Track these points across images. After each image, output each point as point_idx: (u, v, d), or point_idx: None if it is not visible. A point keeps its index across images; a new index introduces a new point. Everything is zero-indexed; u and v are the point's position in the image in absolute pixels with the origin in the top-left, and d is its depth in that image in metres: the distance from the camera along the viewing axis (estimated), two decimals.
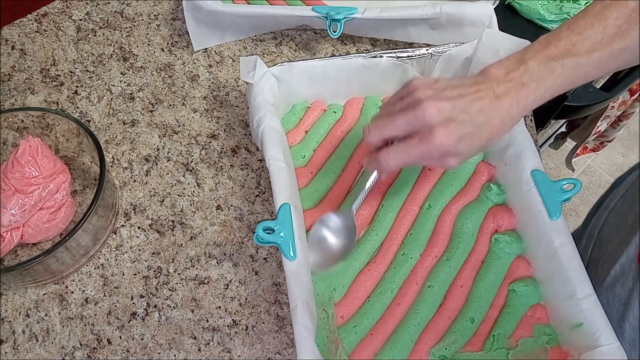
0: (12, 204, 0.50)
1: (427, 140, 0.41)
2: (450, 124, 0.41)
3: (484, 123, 0.42)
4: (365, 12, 0.63)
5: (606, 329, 0.43)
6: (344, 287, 0.50)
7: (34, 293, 0.51)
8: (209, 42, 0.68)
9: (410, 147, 0.43)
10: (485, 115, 0.42)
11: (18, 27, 0.69)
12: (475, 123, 0.42)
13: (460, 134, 0.41)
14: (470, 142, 0.42)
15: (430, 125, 0.41)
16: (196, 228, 0.56)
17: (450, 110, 0.41)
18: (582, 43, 0.42)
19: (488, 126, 0.42)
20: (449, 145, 0.41)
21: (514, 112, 0.42)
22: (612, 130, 1.08)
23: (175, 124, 0.62)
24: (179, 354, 0.49)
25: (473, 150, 0.43)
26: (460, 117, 0.41)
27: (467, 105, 0.42)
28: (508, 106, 0.42)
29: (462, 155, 0.43)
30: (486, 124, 0.42)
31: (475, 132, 0.42)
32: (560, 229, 0.48)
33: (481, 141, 0.43)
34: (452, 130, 0.41)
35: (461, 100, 0.42)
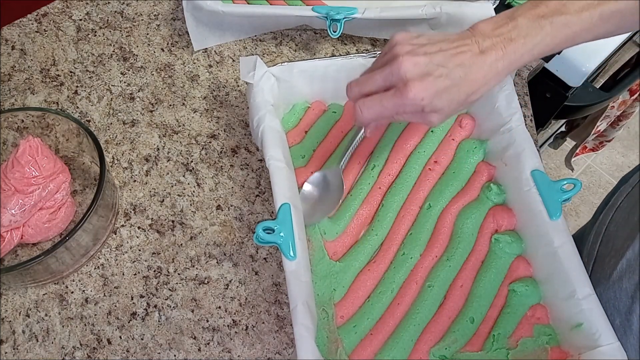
0: (12, 204, 0.50)
1: (400, 94, 0.42)
2: (426, 78, 0.41)
3: (464, 77, 0.42)
4: (365, 12, 0.63)
5: (606, 329, 0.43)
6: (344, 287, 0.50)
7: (34, 293, 0.51)
8: (209, 42, 0.68)
9: (385, 99, 0.43)
10: (465, 70, 0.42)
11: (18, 27, 0.69)
12: (454, 77, 0.42)
13: (436, 89, 0.42)
14: (448, 97, 0.42)
15: (405, 79, 0.42)
16: (196, 228, 0.56)
17: (427, 64, 0.42)
18: (572, 3, 0.43)
19: (468, 81, 0.42)
20: (422, 99, 0.42)
21: (499, 66, 0.43)
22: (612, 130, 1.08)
23: (175, 124, 0.62)
24: (179, 354, 0.49)
25: (452, 105, 0.43)
26: (437, 72, 0.42)
27: (445, 60, 0.42)
28: (492, 60, 0.42)
29: (442, 111, 0.44)
30: (466, 78, 0.42)
31: (453, 87, 0.42)
32: (560, 229, 0.48)
33: (460, 96, 0.43)
34: (427, 84, 0.41)
35: (440, 54, 0.42)
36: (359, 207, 0.54)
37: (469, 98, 0.44)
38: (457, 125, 0.59)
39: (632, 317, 0.46)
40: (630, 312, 0.47)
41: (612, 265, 0.50)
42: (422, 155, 0.57)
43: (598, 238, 0.55)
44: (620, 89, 0.83)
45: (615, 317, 0.47)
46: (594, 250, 0.55)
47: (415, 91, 0.41)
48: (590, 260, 0.54)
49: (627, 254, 0.49)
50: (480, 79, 0.43)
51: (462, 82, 0.42)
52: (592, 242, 0.56)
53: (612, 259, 0.51)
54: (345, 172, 0.56)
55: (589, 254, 0.55)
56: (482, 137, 0.58)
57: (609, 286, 0.49)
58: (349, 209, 0.54)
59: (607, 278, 0.50)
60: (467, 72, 0.42)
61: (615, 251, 0.51)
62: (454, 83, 0.42)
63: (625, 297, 0.47)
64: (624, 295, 0.48)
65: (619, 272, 0.49)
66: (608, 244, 0.53)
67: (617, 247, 0.51)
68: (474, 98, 0.44)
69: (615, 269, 0.49)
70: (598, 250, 0.54)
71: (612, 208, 0.56)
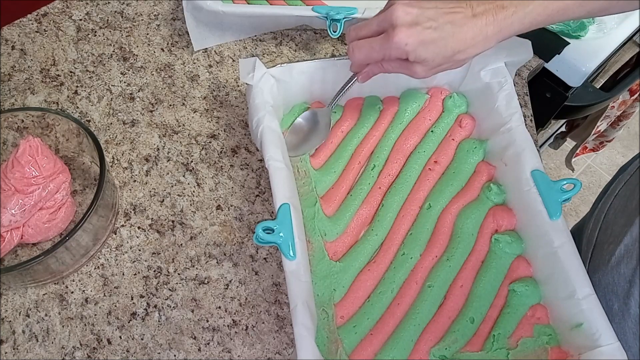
0: (12, 204, 0.50)
1: (388, 37, 0.45)
2: (414, 27, 0.44)
3: (452, 34, 0.45)
4: (365, 12, 0.63)
5: (606, 329, 0.43)
6: (344, 287, 0.50)
7: (34, 293, 0.51)
8: (209, 42, 0.68)
9: (374, 42, 0.47)
10: (455, 28, 0.44)
11: (18, 27, 0.69)
12: (442, 31, 0.44)
13: (422, 38, 0.44)
14: (434, 49, 0.45)
15: (395, 24, 0.45)
16: (196, 228, 0.56)
17: (418, 15, 0.44)
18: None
19: (456, 38, 0.45)
20: (406, 44, 0.44)
21: (489, 31, 0.45)
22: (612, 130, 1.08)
23: (175, 124, 0.62)
24: (179, 354, 0.49)
25: (437, 59, 0.46)
26: (426, 23, 0.44)
27: (436, 15, 0.45)
28: (483, 24, 0.44)
29: (426, 63, 0.46)
30: (454, 35, 0.45)
31: (440, 40, 0.45)
32: (560, 229, 0.48)
33: (446, 51, 0.45)
34: (413, 32, 0.44)
35: (432, 10, 0.45)
36: (359, 207, 0.54)
37: (455, 56, 0.46)
38: (457, 125, 0.59)
39: (629, 301, 0.47)
40: (628, 296, 0.47)
41: (610, 251, 0.50)
42: (422, 155, 0.57)
43: (597, 225, 0.56)
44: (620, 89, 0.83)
45: (613, 302, 0.48)
46: (593, 237, 0.55)
47: (400, 36, 0.44)
48: (590, 247, 0.55)
49: (625, 240, 0.49)
50: (468, 39, 0.45)
51: (450, 38, 0.45)
52: (592, 229, 0.56)
53: (610, 245, 0.51)
54: (345, 172, 0.56)
55: (588, 241, 0.56)
56: (482, 137, 0.58)
57: (607, 271, 0.50)
58: (349, 209, 0.54)
59: (605, 264, 0.50)
60: (456, 31, 0.45)
61: (613, 237, 0.51)
62: (441, 37, 0.44)
63: (624, 281, 0.48)
64: (622, 280, 0.48)
65: (617, 257, 0.49)
66: (607, 230, 0.54)
67: (616, 233, 0.51)
68: (461, 57, 0.46)
69: (614, 254, 0.50)
70: (597, 237, 0.55)
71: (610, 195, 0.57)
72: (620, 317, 0.47)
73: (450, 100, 0.60)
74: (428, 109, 0.60)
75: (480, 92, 0.58)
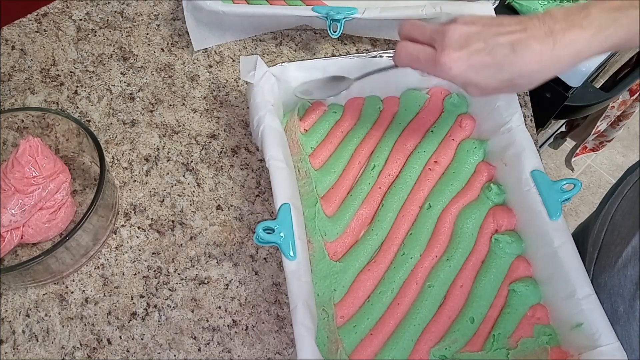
0: (12, 204, 0.50)
1: (434, 57, 0.42)
2: (461, 50, 0.41)
3: (510, 57, 0.41)
4: (365, 12, 0.63)
5: (606, 329, 0.43)
6: (344, 287, 0.50)
7: (34, 293, 0.51)
8: (209, 42, 0.68)
9: (422, 53, 0.44)
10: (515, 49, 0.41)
11: (18, 27, 0.69)
12: (496, 54, 0.41)
13: (470, 62, 0.41)
14: (487, 74, 0.42)
15: (444, 44, 0.42)
16: (196, 228, 0.56)
17: (470, 36, 0.41)
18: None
19: (516, 62, 0.41)
20: (450, 69, 0.42)
21: (562, 54, 0.41)
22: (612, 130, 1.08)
23: (175, 124, 0.62)
24: (179, 354, 0.49)
25: (493, 82, 0.42)
26: (475, 45, 0.41)
27: (492, 36, 0.41)
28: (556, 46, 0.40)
29: (481, 87, 0.43)
30: (513, 58, 0.41)
31: (495, 65, 0.41)
32: (560, 229, 0.48)
33: (503, 75, 0.42)
34: (461, 56, 0.41)
35: (492, 30, 0.41)
36: (359, 207, 0.54)
37: (516, 80, 0.42)
38: (457, 125, 0.59)
39: (635, 303, 0.47)
40: (634, 298, 0.47)
41: (617, 252, 0.50)
42: (422, 155, 0.57)
43: (604, 226, 0.55)
44: (620, 89, 0.83)
45: (619, 304, 0.48)
46: (600, 238, 0.55)
47: (445, 60, 0.41)
48: (596, 248, 0.54)
49: (632, 242, 0.49)
50: (533, 63, 0.41)
51: (508, 61, 0.41)
52: (598, 231, 0.56)
53: (617, 247, 0.51)
54: (345, 172, 0.56)
55: (594, 242, 0.55)
56: (482, 137, 0.58)
57: (613, 273, 0.49)
58: (349, 209, 0.54)
59: (612, 265, 0.50)
60: (516, 53, 0.41)
61: (620, 239, 0.51)
62: (495, 61, 0.41)
63: (630, 284, 0.48)
64: (629, 282, 0.48)
65: (624, 259, 0.49)
66: (614, 232, 0.53)
67: (623, 235, 0.51)
68: (525, 82, 0.43)
69: (621, 256, 0.49)
70: (604, 239, 0.54)
71: (618, 197, 0.56)
72: (626, 319, 0.47)
73: (450, 100, 0.60)
74: (428, 109, 0.60)
75: None
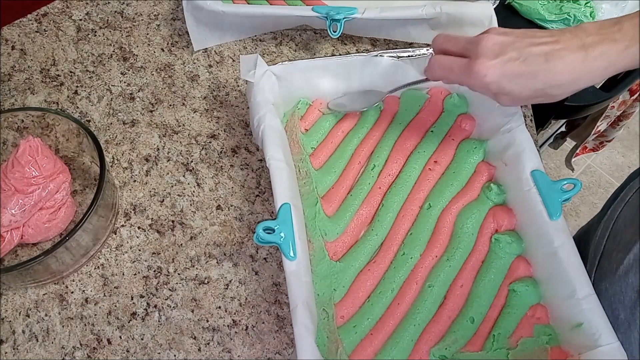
0: (12, 204, 0.50)
1: (468, 66, 0.43)
2: (498, 58, 0.42)
3: (545, 67, 0.41)
4: (365, 12, 0.63)
5: (606, 329, 0.43)
6: (344, 287, 0.50)
7: (34, 293, 0.51)
8: (209, 42, 0.68)
9: (456, 64, 0.44)
10: (549, 59, 0.41)
11: (18, 27, 0.69)
12: (530, 63, 0.41)
13: (504, 71, 0.42)
14: (519, 82, 0.42)
15: (478, 53, 0.42)
16: (196, 228, 0.56)
17: (505, 46, 0.42)
18: None
19: (550, 71, 0.41)
20: (485, 76, 0.42)
21: (594, 65, 0.41)
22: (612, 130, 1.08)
23: (175, 124, 0.62)
24: (179, 354, 0.49)
25: (525, 92, 0.43)
26: (511, 54, 0.41)
27: (526, 46, 0.42)
28: (589, 58, 0.41)
29: (513, 95, 0.43)
30: (546, 68, 0.41)
31: (528, 74, 0.42)
32: (560, 229, 0.48)
33: (536, 84, 0.42)
34: (495, 64, 0.42)
35: (525, 40, 0.42)
36: (359, 207, 0.54)
37: (548, 90, 0.42)
38: (457, 125, 0.59)
39: (636, 311, 0.47)
40: (635, 306, 0.47)
41: (619, 259, 0.50)
42: (422, 155, 0.57)
43: (606, 233, 0.55)
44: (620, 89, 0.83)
45: (620, 312, 0.48)
46: (601, 244, 0.55)
47: (480, 68, 0.42)
48: (597, 254, 0.54)
49: (634, 249, 0.49)
50: (566, 73, 0.41)
51: (541, 71, 0.41)
52: (600, 237, 0.56)
53: (619, 254, 0.51)
54: (345, 172, 0.56)
55: (596, 249, 0.55)
56: (482, 137, 0.58)
57: (615, 280, 0.49)
58: (349, 209, 0.54)
59: (613, 272, 0.50)
60: (550, 63, 0.41)
61: (622, 246, 0.51)
62: (529, 70, 0.42)
63: (631, 291, 0.47)
64: (630, 289, 0.48)
65: (625, 266, 0.49)
66: (615, 238, 0.53)
67: (625, 242, 0.51)
68: (556, 92, 0.43)
69: (622, 263, 0.49)
70: (605, 245, 0.54)
71: (620, 203, 0.56)
72: (627, 326, 0.47)
73: (450, 100, 0.60)
74: (428, 109, 0.60)
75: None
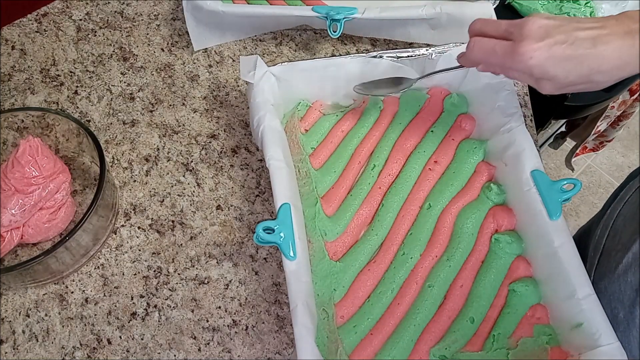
0: (12, 204, 0.50)
1: (514, 47, 0.41)
2: (543, 40, 0.40)
3: (591, 51, 0.40)
4: (365, 12, 0.63)
5: (606, 329, 0.43)
6: (344, 287, 0.50)
7: (34, 293, 0.51)
8: (209, 42, 0.68)
9: (498, 46, 0.43)
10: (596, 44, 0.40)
11: (18, 27, 0.69)
12: (579, 47, 0.40)
13: (552, 53, 0.41)
14: (565, 66, 0.41)
15: (524, 35, 0.41)
16: (196, 228, 0.56)
17: (552, 28, 0.41)
18: None
19: (597, 56, 0.40)
20: (531, 58, 0.41)
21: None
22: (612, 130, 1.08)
23: (175, 124, 0.62)
24: (179, 354, 0.49)
25: (571, 77, 0.42)
26: (558, 37, 0.40)
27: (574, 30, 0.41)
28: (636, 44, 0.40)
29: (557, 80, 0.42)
30: (594, 52, 0.40)
31: (576, 58, 0.41)
32: (560, 229, 0.48)
33: (582, 69, 0.41)
34: (542, 45, 0.40)
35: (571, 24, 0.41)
36: (359, 207, 0.54)
37: (593, 76, 0.41)
38: (457, 125, 0.59)
39: (635, 310, 0.47)
40: (634, 305, 0.47)
41: (618, 258, 0.50)
42: (422, 155, 0.57)
43: (605, 231, 0.55)
44: (620, 89, 0.83)
45: (619, 310, 0.48)
46: (601, 243, 0.55)
47: (526, 49, 0.41)
48: (597, 253, 0.54)
49: (633, 248, 0.49)
50: (613, 59, 0.40)
51: (589, 55, 0.40)
52: (599, 236, 0.56)
53: (618, 253, 0.51)
54: (345, 172, 0.56)
55: (595, 247, 0.55)
56: (482, 137, 0.58)
57: (614, 279, 0.49)
58: (349, 209, 0.54)
59: (612, 271, 0.50)
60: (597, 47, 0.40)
61: (622, 245, 0.51)
62: (577, 53, 0.40)
63: (630, 290, 0.48)
64: (629, 288, 0.48)
65: (624, 265, 0.49)
66: (615, 237, 0.53)
67: (624, 241, 0.51)
68: (601, 79, 0.42)
69: (621, 262, 0.49)
70: (605, 244, 0.54)
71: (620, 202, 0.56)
72: (625, 325, 0.47)
73: (450, 100, 0.60)
74: (428, 109, 0.60)
75: (480, 92, 0.58)
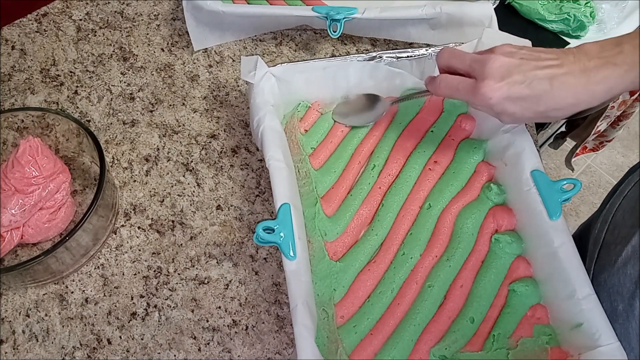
0: (12, 204, 0.50)
1: (474, 86, 0.44)
2: (504, 79, 0.42)
3: (548, 91, 0.42)
4: (365, 12, 0.63)
5: (606, 329, 0.43)
6: (344, 287, 0.50)
7: (34, 293, 0.51)
8: (209, 42, 0.68)
9: (462, 84, 0.45)
10: (553, 84, 0.42)
11: (18, 27, 0.69)
12: (535, 88, 0.42)
13: (509, 94, 0.42)
14: (523, 105, 0.43)
15: (485, 74, 0.43)
16: (196, 228, 0.56)
17: (512, 67, 0.42)
18: None
19: (553, 96, 0.42)
20: (490, 99, 0.43)
21: (596, 90, 0.42)
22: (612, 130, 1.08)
23: (175, 124, 0.62)
24: (179, 354, 0.49)
25: (527, 114, 0.44)
26: (517, 77, 0.42)
27: (531, 69, 0.42)
28: (591, 82, 0.42)
29: (514, 116, 0.44)
30: (551, 93, 0.42)
31: (532, 98, 0.43)
32: (560, 229, 0.48)
33: (538, 107, 0.43)
34: (501, 86, 0.42)
35: (532, 64, 0.43)
36: (359, 207, 0.54)
37: (549, 112, 0.43)
38: (457, 125, 0.59)
39: (634, 302, 0.47)
40: (633, 297, 0.47)
41: (617, 251, 0.50)
42: (422, 155, 0.57)
43: (605, 225, 0.56)
44: None
45: (618, 303, 0.48)
46: (600, 237, 0.55)
47: (486, 90, 0.43)
48: (597, 246, 0.55)
49: (632, 241, 0.49)
50: (569, 97, 0.42)
51: (545, 95, 0.42)
52: (599, 229, 0.56)
53: (617, 246, 0.51)
54: (345, 172, 0.56)
55: (595, 241, 0.55)
56: (482, 137, 0.58)
57: (613, 272, 0.49)
58: (349, 209, 0.54)
59: (612, 264, 0.50)
60: (554, 88, 0.42)
61: (621, 238, 0.51)
62: (533, 94, 0.43)
63: (629, 282, 0.48)
64: (628, 281, 0.48)
65: (624, 258, 0.49)
66: (614, 231, 0.54)
67: (623, 234, 0.51)
68: (557, 115, 0.44)
69: (621, 255, 0.50)
70: (604, 238, 0.55)
71: (619, 196, 0.57)
72: (625, 318, 0.47)
73: (450, 100, 0.60)
74: (428, 109, 0.60)
75: None
